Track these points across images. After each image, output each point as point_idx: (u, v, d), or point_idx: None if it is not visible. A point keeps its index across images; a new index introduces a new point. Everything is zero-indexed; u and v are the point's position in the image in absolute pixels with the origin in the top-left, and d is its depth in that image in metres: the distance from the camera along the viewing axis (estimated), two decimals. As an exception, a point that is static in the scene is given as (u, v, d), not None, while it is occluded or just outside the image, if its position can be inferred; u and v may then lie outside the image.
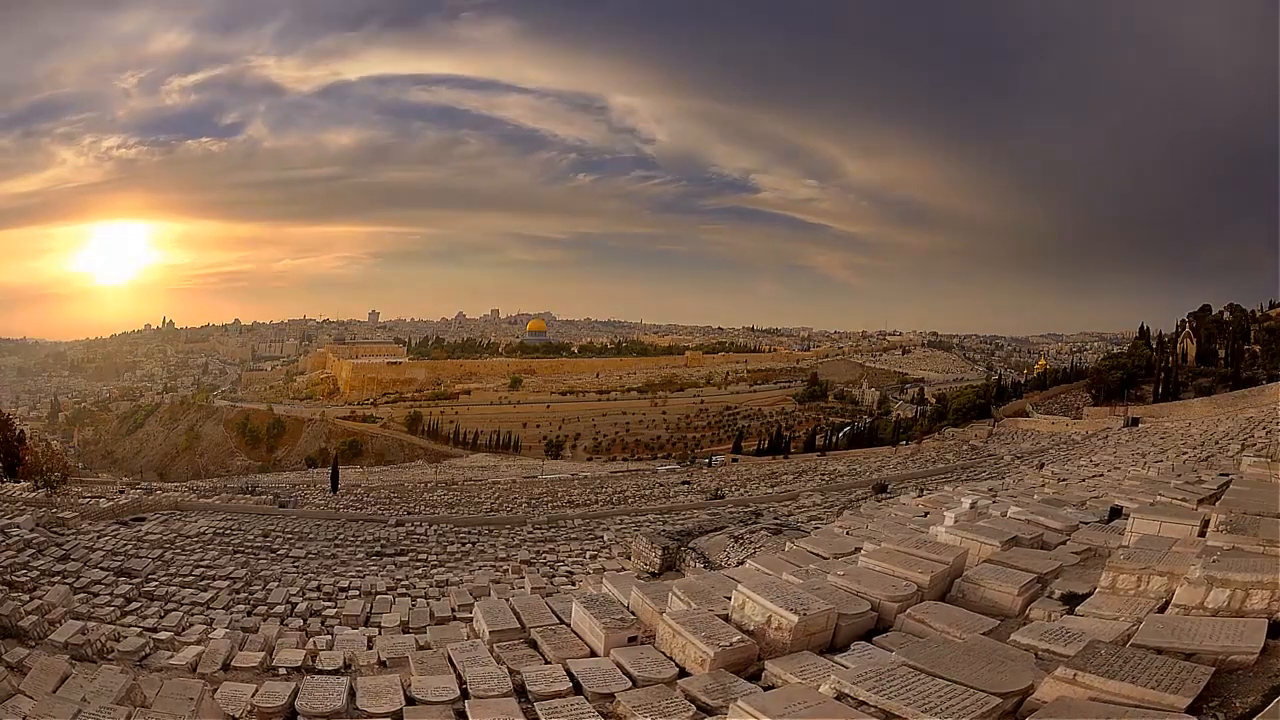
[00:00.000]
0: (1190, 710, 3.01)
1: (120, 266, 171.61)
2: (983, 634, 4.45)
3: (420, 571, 17.06)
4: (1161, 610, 4.34)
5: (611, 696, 4.17)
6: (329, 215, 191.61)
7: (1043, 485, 17.14)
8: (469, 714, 4.13)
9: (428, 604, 12.50)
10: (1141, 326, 78.53)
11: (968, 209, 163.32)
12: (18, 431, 39.46)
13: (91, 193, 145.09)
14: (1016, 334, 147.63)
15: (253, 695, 5.03)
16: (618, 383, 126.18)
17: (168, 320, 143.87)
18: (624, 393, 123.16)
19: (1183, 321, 70.79)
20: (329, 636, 9.72)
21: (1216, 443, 24.38)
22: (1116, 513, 9.09)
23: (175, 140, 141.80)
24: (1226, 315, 68.96)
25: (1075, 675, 3.23)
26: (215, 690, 5.29)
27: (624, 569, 14.22)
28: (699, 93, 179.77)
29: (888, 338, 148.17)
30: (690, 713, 3.78)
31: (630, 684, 4.31)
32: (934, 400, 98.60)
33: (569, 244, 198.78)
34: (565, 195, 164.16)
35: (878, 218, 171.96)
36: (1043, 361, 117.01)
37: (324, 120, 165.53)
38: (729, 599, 4.97)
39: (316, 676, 5.50)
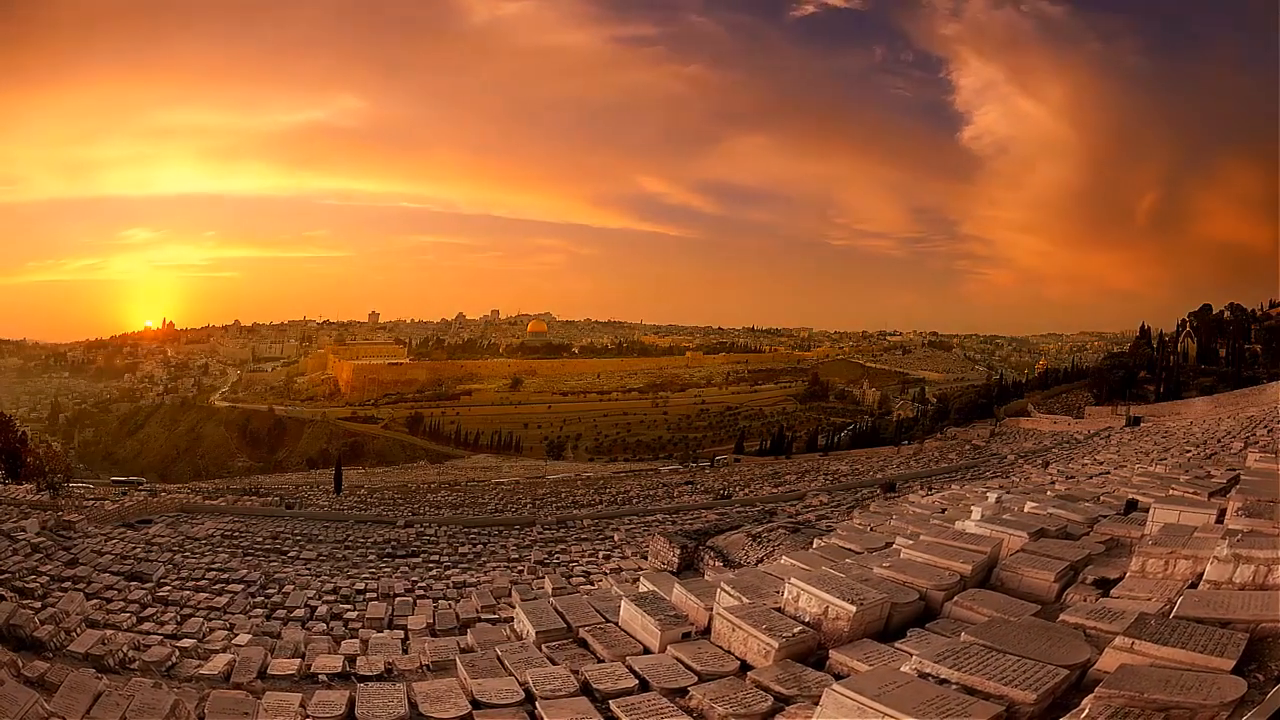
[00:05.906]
0: (1234, 671, 3.32)
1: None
2: (1030, 617, 4.61)
3: (435, 573, 16.99)
4: (1193, 588, 4.62)
5: (684, 691, 4.19)
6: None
7: (1052, 482, 17.21)
8: (543, 715, 4.09)
9: (450, 606, 12.38)
10: (1142, 326, 78.87)
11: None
12: (19, 434, 39.34)
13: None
14: (1016, 334, 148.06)
15: (301, 704, 4.77)
16: (619, 383, 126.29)
17: (168, 321, 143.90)
18: (625, 393, 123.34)
19: (1183, 321, 71.16)
20: (357, 640, 9.51)
21: (1219, 441, 24.41)
22: (1132, 506, 9.20)
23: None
24: (1227, 315, 69.27)
25: (1133, 644, 3.54)
26: (260, 701, 4.96)
27: (641, 568, 14.28)
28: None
29: (888, 338, 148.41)
30: (769, 703, 3.85)
31: (696, 678, 4.36)
32: (935, 400, 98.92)
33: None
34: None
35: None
36: (1043, 361, 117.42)
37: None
38: (779, 593, 5.07)
39: (371, 684, 5.32)
